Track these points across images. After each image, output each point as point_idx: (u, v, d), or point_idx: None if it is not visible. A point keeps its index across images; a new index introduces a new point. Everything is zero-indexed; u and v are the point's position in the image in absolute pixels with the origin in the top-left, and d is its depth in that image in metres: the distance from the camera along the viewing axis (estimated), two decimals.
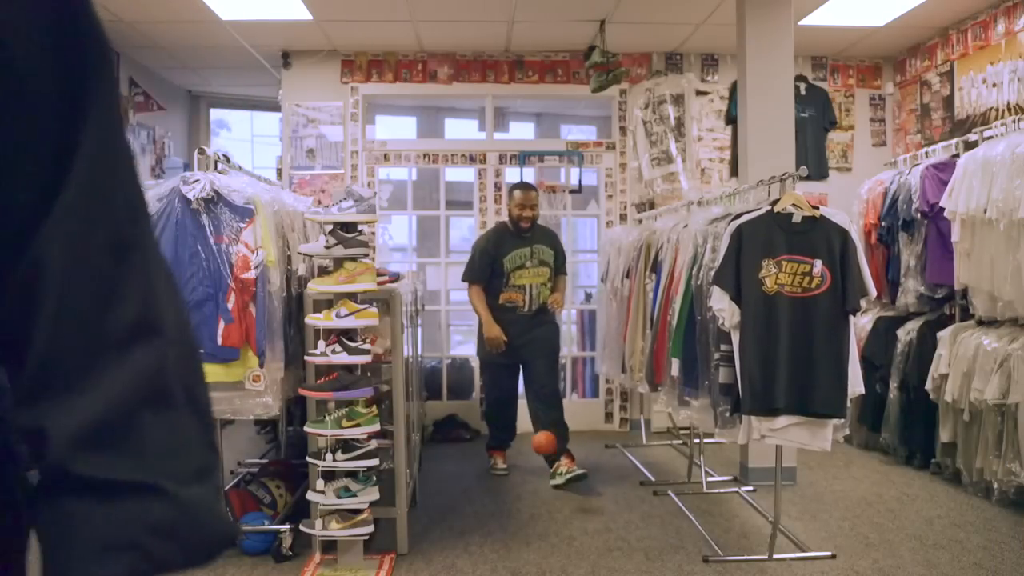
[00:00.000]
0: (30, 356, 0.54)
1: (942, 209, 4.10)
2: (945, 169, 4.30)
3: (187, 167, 6.11)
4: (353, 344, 3.00)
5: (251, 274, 2.99)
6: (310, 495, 3.05)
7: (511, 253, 4.37)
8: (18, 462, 0.57)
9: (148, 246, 0.62)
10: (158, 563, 0.56)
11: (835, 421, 2.97)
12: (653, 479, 4.37)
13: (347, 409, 3.00)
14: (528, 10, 4.91)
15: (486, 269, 4.39)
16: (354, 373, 3.08)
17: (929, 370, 4.13)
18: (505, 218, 4.72)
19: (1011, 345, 3.65)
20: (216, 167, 3.27)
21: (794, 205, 2.99)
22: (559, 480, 4.11)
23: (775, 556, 3.12)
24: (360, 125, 5.71)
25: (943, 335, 4.10)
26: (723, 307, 3.03)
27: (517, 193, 4.44)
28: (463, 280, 4.49)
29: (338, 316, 2.98)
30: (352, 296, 3.06)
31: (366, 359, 3.01)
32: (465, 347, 6.36)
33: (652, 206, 5.67)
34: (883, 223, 4.78)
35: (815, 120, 5.77)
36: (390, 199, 6.04)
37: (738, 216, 3.16)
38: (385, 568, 3.04)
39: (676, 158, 5.78)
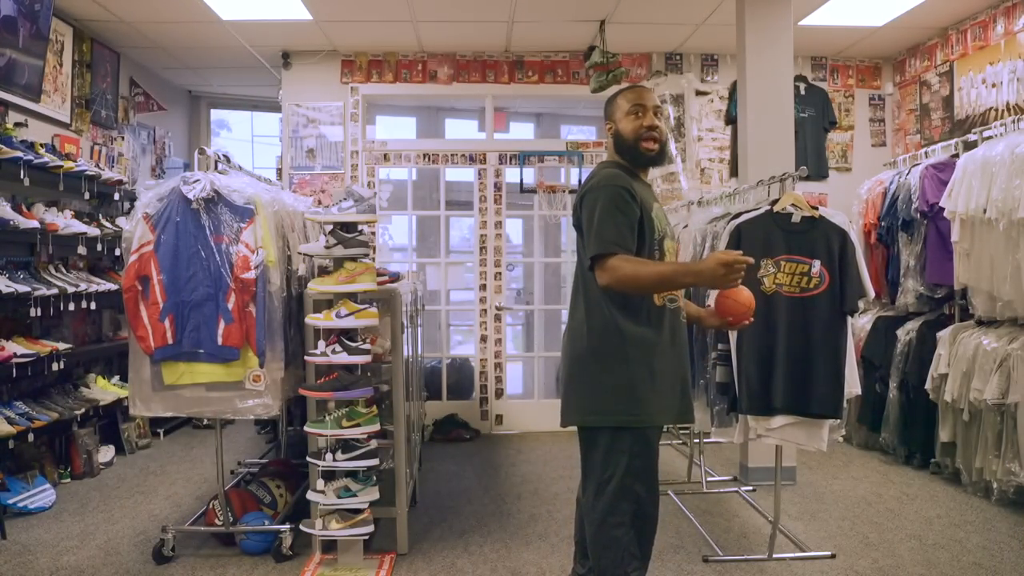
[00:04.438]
0: None
1: (942, 209, 4.11)
2: (945, 169, 4.31)
3: (187, 167, 6.12)
4: (353, 344, 3.00)
5: (251, 274, 3.00)
6: (310, 495, 3.05)
7: (654, 207, 2.40)
8: None
9: None
10: None
11: (831, 421, 2.97)
12: None
13: (347, 409, 3.00)
14: (528, 10, 4.91)
15: (635, 223, 2.28)
16: (354, 373, 3.08)
17: (929, 370, 4.13)
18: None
19: (1011, 345, 3.65)
20: (216, 167, 3.28)
21: (793, 205, 2.99)
22: None
23: (775, 556, 3.13)
24: (360, 125, 5.72)
25: (943, 335, 4.10)
26: None
27: (628, 95, 2.44)
28: (599, 252, 2.22)
29: (338, 316, 2.98)
30: (352, 296, 3.06)
31: (366, 359, 3.01)
32: (465, 347, 6.36)
33: None
34: (883, 223, 4.78)
35: (815, 120, 5.77)
36: (390, 199, 6.04)
37: (737, 216, 3.16)
38: (385, 568, 3.04)
39: (676, 158, 5.78)
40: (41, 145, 4.18)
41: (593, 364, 2.30)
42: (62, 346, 4.07)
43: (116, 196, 5.01)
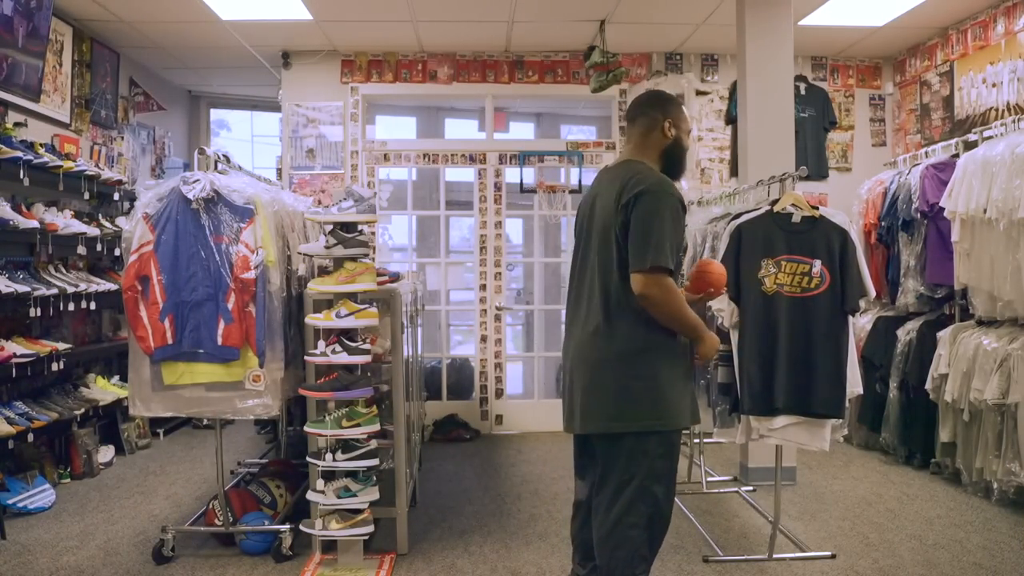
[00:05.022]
0: None
1: (942, 209, 4.11)
2: (945, 169, 4.30)
3: (187, 167, 6.12)
4: (353, 344, 3.00)
5: (251, 274, 3.00)
6: (310, 495, 3.05)
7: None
8: None
9: None
10: None
11: (833, 421, 2.97)
12: None
13: (347, 409, 3.00)
14: (528, 10, 4.91)
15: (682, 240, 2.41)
16: (354, 373, 3.08)
17: (929, 370, 4.13)
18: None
19: (1011, 345, 3.65)
20: (216, 167, 3.27)
21: (794, 205, 2.99)
22: None
23: (775, 556, 3.13)
24: (360, 125, 5.72)
25: (943, 335, 4.10)
26: (722, 307, 3.03)
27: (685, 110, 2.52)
28: (655, 266, 2.18)
29: (338, 316, 2.98)
30: (352, 296, 3.06)
31: (366, 359, 3.01)
32: (465, 347, 6.36)
33: None
34: (883, 223, 4.78)
35: (815, 120, 5.77)
36: (390, 199, 6.04)
37: (738, 216, 3.16)
38: (385, 568, 3.04)
39: None
40: (41, 145, 4.18)
41: (620, 369, 2.26)
42: (62, 346, 4.07)
43: (116, 196, 5.00)
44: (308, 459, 3.09)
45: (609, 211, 2.28)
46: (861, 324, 4.93)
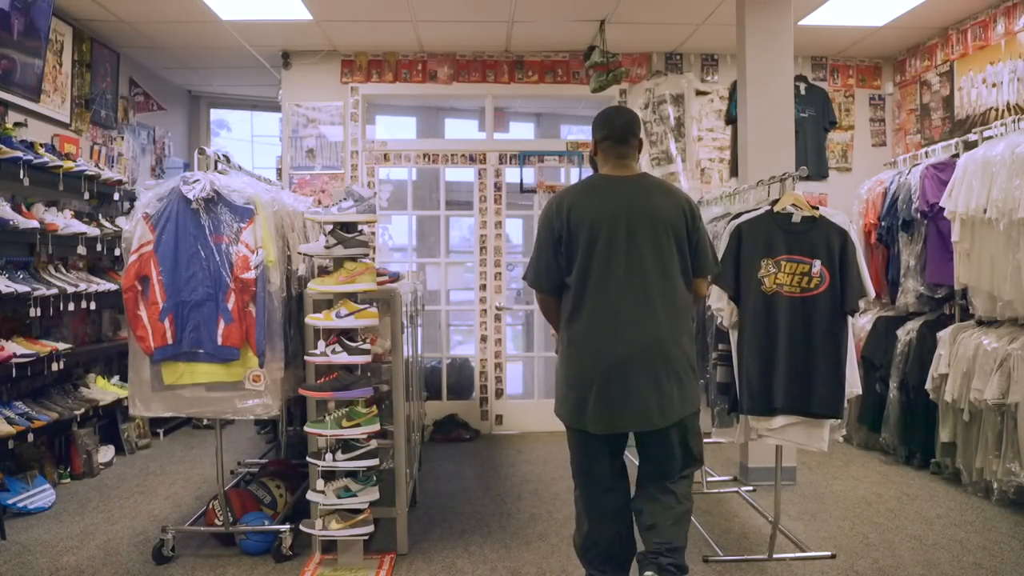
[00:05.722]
0: None
1: (942, 209, 4.11)
2: (945, 169, 4.31)
3: (187, 167, 6.12)
4: (353, 344, 3.00)
5: (251, 274, 3.00)
6: (310, 495, 3.05)
7: None
8: None
9: None
10: None
11: (832, 421, 2.97)
12: None
13: (347, 409, 3.00)
14: (528, 10, 4.91)
15: None
16: (354, 373, 3.08)
17: (929, 370, 4.13)
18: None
19: (1011, 345, 3.65)
20: (216, 167, 3.28)
21: (794, 205, 2.99)
22: None
23: (775, 556, 3.13)
24: (360, 125, 5.72)
25: (943, 335, 4.10)
26: (722, 306, 3.03)
27: None
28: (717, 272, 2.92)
29: (338, 316, 2.98)
30: (352, 296, 3.06)
31: (366, 359, 3.01)
32: (465, 347, 6.36)
33: None
34: (883, 223, 4.78)
35: (815, 120, 5.77)
36: (390, 199, 6.04)
37: (738, 216, 3.16)
38: (385, 568, 3.04)
39: (676, 158, 5.78)
40: (41, 145, 4.18)
41: (694, 359, 2.56)
42: (62, 346, 4.07)
43: (116, 196, 5.01)
44: (308, 459, 3.09)
45: (674, 221, 2.49)
46: (861, 324, 4.93)
